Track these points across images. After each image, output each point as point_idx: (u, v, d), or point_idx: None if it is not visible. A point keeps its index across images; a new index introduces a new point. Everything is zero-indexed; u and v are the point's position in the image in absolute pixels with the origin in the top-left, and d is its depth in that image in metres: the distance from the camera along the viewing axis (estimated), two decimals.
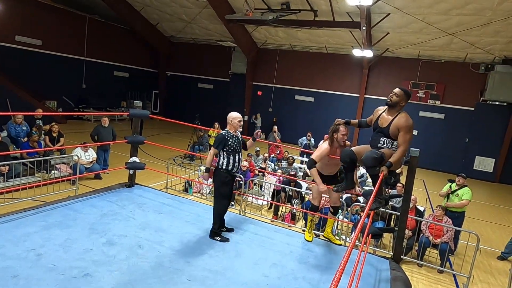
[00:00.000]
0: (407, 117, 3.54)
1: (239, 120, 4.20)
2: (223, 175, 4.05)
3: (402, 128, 3.49)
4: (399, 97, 3.59)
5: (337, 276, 1.38)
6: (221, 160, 4.07)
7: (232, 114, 4.25)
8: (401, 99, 3.59)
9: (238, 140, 4.17)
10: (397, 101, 3.59)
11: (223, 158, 4.06)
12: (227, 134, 4.08)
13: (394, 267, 4.03)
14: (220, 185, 4.09)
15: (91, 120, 16.58)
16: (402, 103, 3.61)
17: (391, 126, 3.55)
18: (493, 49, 13.97)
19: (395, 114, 3.59)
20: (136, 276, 3.10)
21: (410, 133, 3.52)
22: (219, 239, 4.02)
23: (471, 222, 8.29)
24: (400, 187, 7.07)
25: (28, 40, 15.03)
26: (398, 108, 3.61)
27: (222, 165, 4.05)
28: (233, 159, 4.05)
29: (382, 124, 3.64)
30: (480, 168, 15.31)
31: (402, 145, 3.52)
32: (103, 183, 7.37)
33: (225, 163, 4.05)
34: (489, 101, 14.93)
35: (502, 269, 6.26)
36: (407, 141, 3.50)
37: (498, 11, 11.45)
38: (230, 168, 4.06)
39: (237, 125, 4.18)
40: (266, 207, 8.00)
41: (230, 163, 4.05)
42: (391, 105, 3.63)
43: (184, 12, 17.49)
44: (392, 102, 3.62)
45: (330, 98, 18.23)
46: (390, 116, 3.61)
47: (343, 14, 13.70)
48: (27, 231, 3.60)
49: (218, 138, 4.06)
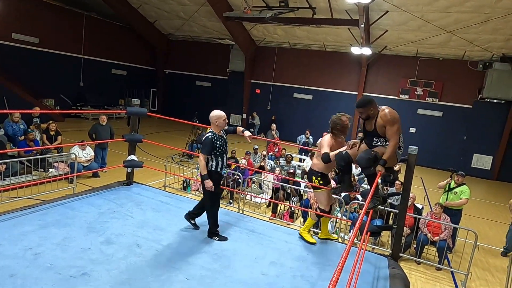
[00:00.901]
0: (387, 111, 3.54)
1: (224, 119, 3.97)
2: (214, 177, 3.94)
3: (386, 122, 3.51)
4: (364, 112, 3.61)
5: (337, 273, 1.37)
6: (210, 163, 3.93)
7: (215, 113, 3.95)
8: (368, 109, 3.60)
9: (224, 140, 4.04)
10: (367, 115, 3.62)
11: (211, 161, 3.92)
12: (213, 136, 3.89)
13: (393, 265, 4.04)
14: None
15: (88, 118, 16.53)
16: (372, 111, 3.60)
17: (376, 127, 3.62)
18: (491, 46, 13.98)
19: (375, 117, 3.62)
20: (134, 275, 3.09)
21: (396, 125, 3.50)
22: (217, 238, 4.00)
23: (468, 220, 8.31)
24: (399, 184, 7.09)
25: (25, 38, 14.95)
26: (374, 114, 3.62)
27: (211, 167, 3.93)
28: (221, 160, 3.95)
29: (370, 128, 3.72)
30: (478, 165, 15.37)
31: (391, 139, 3.52)
32: (100, 182, 7.36)
33: (214, 165, 3.93)
34: (487, 98, 14.96)
35: (500, 266, 6.29)
36: (395, 132, 3.50)
37: (496, 9, 11.46)
38: (219, 169, 3.98)
39: (222, 124, 3.97)
40: (265, 205, 8.00)
41: (219, 164, 3.95)
42: (368, 118, 3.67)
43: (182, 10, 17.43)
44: (366, 117, 3.65)
45: (328, 96, 18.23)
46: (372, 120, 3.67)
47: (342, 11, 13.68)
48: (24, 230, 3.58)
49: (206, 143, 3.86)
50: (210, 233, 4.04)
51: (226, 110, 4.20)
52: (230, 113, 20.36)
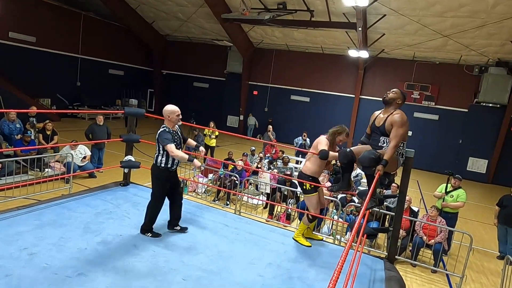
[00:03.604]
0: (401, 114, 3.58)
1: (178, 114, 3.82)
2: (163, 173, 3.81)
3: (395, 123, 3.53)
4: (396, 94, 3.67)
5: (335, 275, 1.38)
6: (160, 158, 3.78)
7: (169, 107, 3.82)
8: (398, 96, 3.67)
9: (180, 137, 3.93)
10: (394, 97, 3.66)
11: (161, 156, 3.78)
12: (168, 130, 3.77)
13: (389, 267, 4.05)
14: (158, 183, 3.85)
15: (85, 118, 16.45)
16: (399, 101, 3.67)
17: (386, 123, 3.61)
18: (487, 51, 14.11)
19: (391, 112, 3.64)
20: (130, 275, 3.08)
21: (402, 129, 3.52)
22: (150, 235, 3.84)
23: (464, 223, 8.36)
24: (395, 187, 7.12)
25: (22, 36, 14.87)
26: (394, 105, 3.66)
27: (161, 163, 3.78)
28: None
29: (379, 123, 3.70)
30: (473, 169, 15.47)
31: (392, 140, 3.52)
32: (97, 182, 7.32)
33: (164, 161, 3.78)
34: (482, 102, 15.09)
35: (495, 269, 6.34)
36: (399, 135, 3.50)
37: (492, 14, 11.57)
38: (169, 166, 3.83)
39: (176, 119, 3.82)
40: (262, 207, 8.01)
41: (170, 160, 3.80)
42: (388, 101, 3.69)
43: (180, 11, 17.43)
44: (388, 98, 3.68)
45: (325, 98, 18.29)
46: (385, 115, 3.68)
47: (339, 14, 13.74)
48: (20, 229, 3.56)
49: (161, 134, 3.72)
50: (142, 230, 3.88)
51: (223, 112, 4.20)
52: (228, 115, 20.37)
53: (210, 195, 8.26)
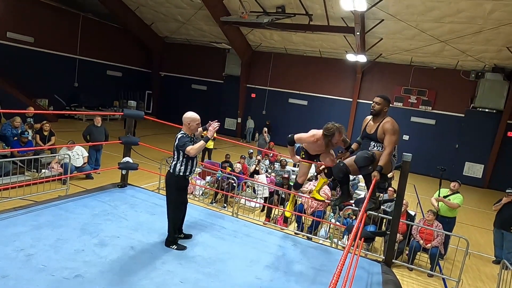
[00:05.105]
0: (392, 121, 3.80)
1: (198, 123, 3.75)
2: (181, 181, 3.75)
3: (388, 130, 3.74)
4: (380, 104, 3.86)
5: (334, 279, 1.39)
6: (178, 167, 3.69)
7: (190, 114, 3.72)
8: (383, 105, 3.87)
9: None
10: (380, 108, 3.86)
11: (180, 165, 3.69)
12: (186, 135, 3.68)
13: (386, 271, 4.07)
14: (176, 192, 3.76)
15: (82, 119, 16.40)
16: (385, 109, 3.88)
17: (378, 131, 3.82)
18: (483, 57, 14.24)
19: (381, 120, 3.85)
20: (128, 277, 3.07)
21: (395, 136, 3.74)
22: (176, 247, 3.75)
23: (460, 227, 8.40)
24: (392, 191, 7.15)
25: (20, 37, 14.84)
26: (382, 114, 3.88)
27: (180, 171, 3.69)
28: (190, 164, 3.75)
29: (370, 131, 3.90)
30: (469, 173, 15.55)
31: (387, 147, 3.73)
32: (94, 183, 7.29)
33: (183, 169, 3.70)
34: (478, 108, 15.22)
35: (490, 273, 6.36)
36: (393, 142, 3.72)
37: (489, 20, 11.69)
38: (187, 174, 3.78)
39: (194, 128, 3.75)
40: (259, 210, 8.00)
41: (188, 168, 3.73)
42: (376, 113, 3.89)
43: (179, 13, 17.46)
44: (375, 111, 3.88)
45: (323, 102, 18.36)
46: (376, 123, 3.88)
47: (338, 19, 13.83)
48: (17, 230, 3.54)
49: (181, 139, 3.63)
50: (168, 242, 3.77)
51: (221, 114, 4.19)
52: (225, 117, 20.37)
53: (208, 197, 8.25)
